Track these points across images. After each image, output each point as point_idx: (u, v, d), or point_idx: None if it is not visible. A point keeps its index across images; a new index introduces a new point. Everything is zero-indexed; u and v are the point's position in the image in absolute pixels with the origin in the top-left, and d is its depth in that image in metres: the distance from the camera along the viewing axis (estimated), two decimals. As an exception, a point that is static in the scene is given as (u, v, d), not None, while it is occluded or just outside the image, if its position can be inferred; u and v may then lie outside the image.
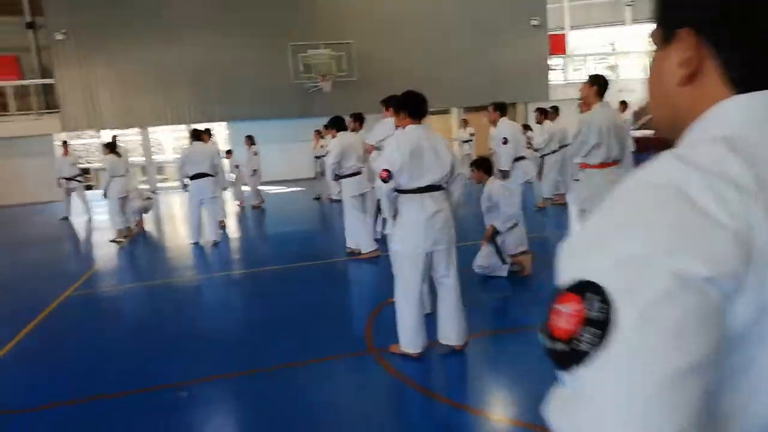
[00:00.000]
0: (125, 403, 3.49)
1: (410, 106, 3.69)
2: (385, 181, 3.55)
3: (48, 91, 16.20)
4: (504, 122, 7.29)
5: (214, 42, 15.60)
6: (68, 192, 12.23)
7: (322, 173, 10.30)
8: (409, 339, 3.72)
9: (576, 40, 21.31)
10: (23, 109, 16.00)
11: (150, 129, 17.42)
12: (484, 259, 5.51)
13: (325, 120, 13.92)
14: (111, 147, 9.43)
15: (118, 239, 9.06)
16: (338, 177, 6.72)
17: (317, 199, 12.32)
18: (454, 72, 17.26)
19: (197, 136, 8.49)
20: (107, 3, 15.12)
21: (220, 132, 16.85)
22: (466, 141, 14.01)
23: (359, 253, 6.84)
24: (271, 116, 16.17)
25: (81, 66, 15.29)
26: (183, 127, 18.13)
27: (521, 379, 3.54)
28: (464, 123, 14.15)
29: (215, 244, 8.34)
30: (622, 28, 21.52)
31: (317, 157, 11.84)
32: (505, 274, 5.47)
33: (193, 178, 8.29)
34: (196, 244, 8.37)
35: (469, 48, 17.45)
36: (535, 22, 18.21)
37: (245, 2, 15.68)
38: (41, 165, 15.45)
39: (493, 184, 5.56)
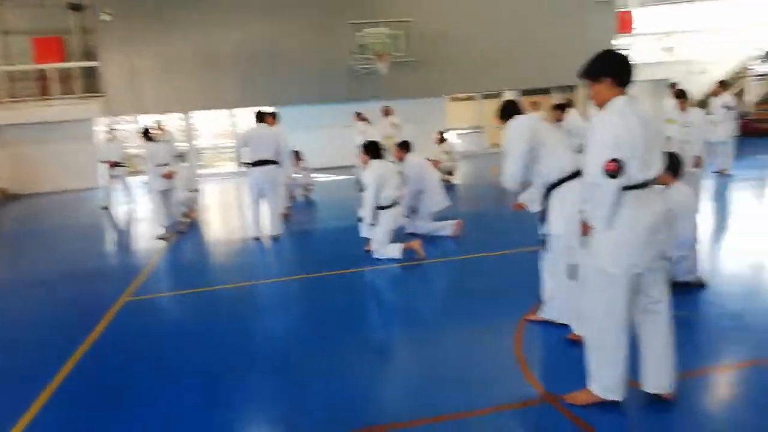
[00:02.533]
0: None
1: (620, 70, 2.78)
2: (611, 175, 2.58)
3: (91, 74, 15.58)
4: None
5: (263, 22, 14.81)
6: (111, 179, 11.56)
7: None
8: (614, 382, 2.82)
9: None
10: (66, 93, 15.42)
11: (190, 114, 16.69)
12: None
13: (376, 105, 13.19)
14: (146, 134, 8.65)
15: (164, 235, 8.25)
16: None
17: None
18: (514, 54, 16.15)
19: (260, 117, 7.63)
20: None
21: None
22: (535, 126, 12.81)
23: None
24: (320, 101, 15.27)
25: (126, 48, 14.61)
26: (226, 112, 17.49)
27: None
28: (534, 106, 12.91)
29: (275, 238, 7.52)
30: (689, 6, 19.91)
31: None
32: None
33: (253, 165, 7.46)
34: (257, 239, 7.55)
35: (528, 29, 16.28)
36: (601, -2, 16.87)
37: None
38: (80, 150, 14.87)
39: (677, 192, 4.55)
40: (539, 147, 3.70)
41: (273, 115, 8.71)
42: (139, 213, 10.92)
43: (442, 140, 11.70)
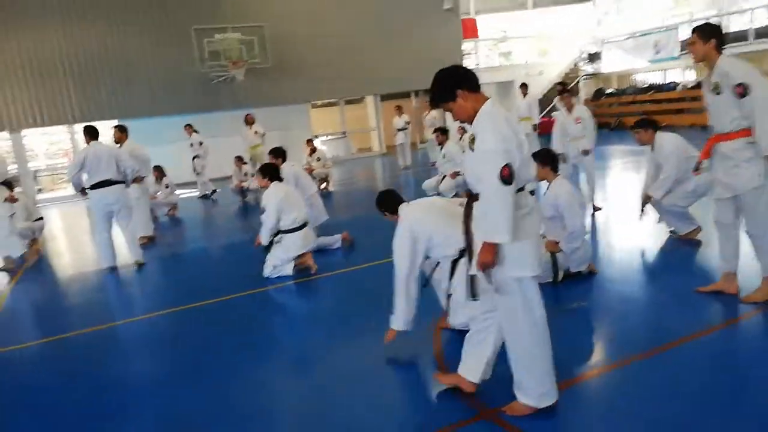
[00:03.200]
0: None
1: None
2: (507, 182, 2.45)
3: None
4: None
5: (102, 27, 13.44)
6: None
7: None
8: (541, 389, 2.73)
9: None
10: None
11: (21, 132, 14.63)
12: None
13: (237, 113, 12.47)
14: None
15: (6, 267, 7.21)
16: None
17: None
18: (370, 59, 16.35)
19: (94, 134, 6.71)
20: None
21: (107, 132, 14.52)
22: (402, 129, 12.98)
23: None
24: (173, 112, 14.16)
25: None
26: (63, 128, 15.60)
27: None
28: (399, 110, 13.10)
29: (139, 265, 6.70)
30: (522, 13, 21.55)
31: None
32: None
33: (94, 187, 6.57)
34: (112, 269, 6.67)
35: (384, 34, 16.59)
36: (447, 6, 17.66)
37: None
38: None
39: (560, 187, 4.61)
40: (429, 239, 3.54)
41: (121, 129, 7.85)
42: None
43: (313, 150, 11.39)
